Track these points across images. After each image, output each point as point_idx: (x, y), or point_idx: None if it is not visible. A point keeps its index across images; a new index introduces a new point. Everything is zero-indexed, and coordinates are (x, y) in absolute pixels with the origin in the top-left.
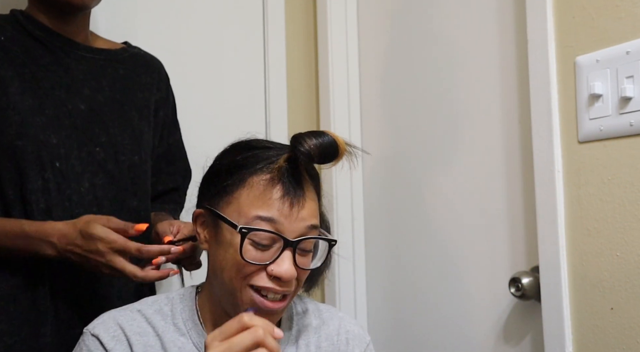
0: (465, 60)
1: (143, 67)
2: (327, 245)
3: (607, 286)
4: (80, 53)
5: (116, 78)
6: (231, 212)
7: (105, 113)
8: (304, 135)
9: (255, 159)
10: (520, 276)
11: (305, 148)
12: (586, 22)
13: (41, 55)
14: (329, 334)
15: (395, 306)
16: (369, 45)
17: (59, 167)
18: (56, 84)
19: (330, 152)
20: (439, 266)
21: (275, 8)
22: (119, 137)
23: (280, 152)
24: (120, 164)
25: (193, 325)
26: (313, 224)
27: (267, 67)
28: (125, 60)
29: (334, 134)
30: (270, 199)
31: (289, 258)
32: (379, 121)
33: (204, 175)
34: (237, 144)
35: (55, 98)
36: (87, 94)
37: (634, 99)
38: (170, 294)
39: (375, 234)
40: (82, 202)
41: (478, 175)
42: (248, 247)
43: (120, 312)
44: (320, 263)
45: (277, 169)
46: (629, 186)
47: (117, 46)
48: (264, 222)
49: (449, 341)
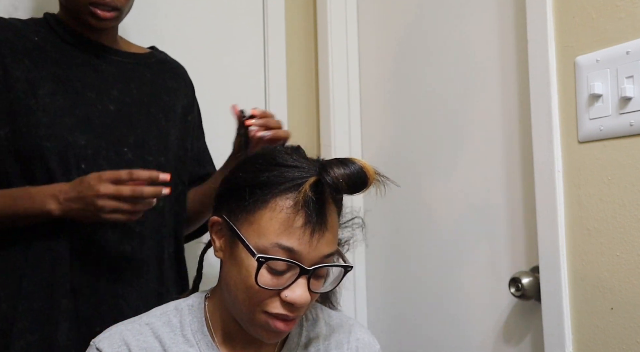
0: (465, 60)
1: (169, 73)
2: (341, 269)
3: (607, 286)
4: (109, 56)
5: (144, 81)
6: (251, 232)
7: (132, 114)
8: (332, 164)
9: (280, 179)
10: (520, 276)
11: (332, 179)
12: (586, 22)
13: (73, 56)
14: (339, 342)
15: (395, 306)
16: (369, 45)
17: (84, 169)
18: (87, 85)
19: (359, 183)
20: (439, 266)
21: (275, 8)
22: (146, 138)
23: (306, 175)
24: (147, 164)
25: (202, 336)
26: (330, 253)
27: (267, 67)
28: (152, 65)
29: (363, 162)
30: (292, 227)
31: (303, 285)
32: (379, 121)
33: (223, 182)
34: (261, 156)
35: (86, 98)
36: (115, 95)
37: (634, 99)
38: (180, 304)
39: (375, 233)
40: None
41: (478, 175)
42: (263, 272)
43: (128, 325)
44: (334, 287)
45: (303, 197)
46: (629, 186)
47: (144, 51)
48: (283, 251)
49: (449, 340)
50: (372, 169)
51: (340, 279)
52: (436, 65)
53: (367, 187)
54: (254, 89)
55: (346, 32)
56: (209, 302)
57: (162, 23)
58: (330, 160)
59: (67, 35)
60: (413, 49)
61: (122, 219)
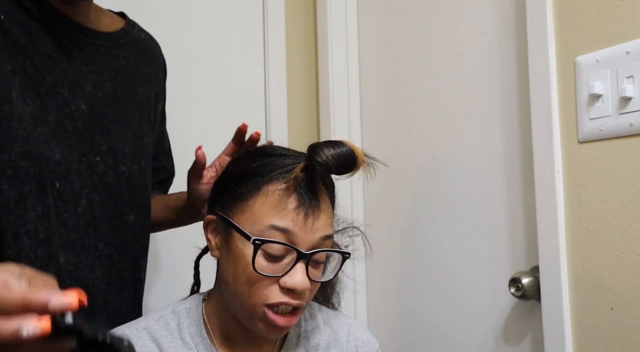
0: (465, 60)
1: (144, 55)
2: (339, 257)
3: (607, 286)
4: (82, 38)
5: (118, 69)
6: (244, 220)
7: (105, 114)
8: (321, 145)
9: (271, 166)
10: (520, 276)
11: (322, 158)
12: (586, 22)
13: (43, 40)
14: (337, 341)
15: (394, 306)
16: (369, 45)
17: (58, 188)
18: (59, 79)
19: (348, 163)
20: (438, 266)
21: (275, 8)
22: (120, 144)
23: (296, 161)
24: (119, 175)
25: (201, 339)
26: (327, 235)
27: (267, 67)
28: (126, 46)
29: (352, 144)
30: (285, 209)
31: (302, 270)
32: (379, 121)
33: (217, 180)
34: (251, 151)
35: (58, 98)
36: (88, 90)
37: (634, 99)
38: (177, 307)
39: (374, 233)
40: (77, 226)
41: (478, 175)
42: (260, 258)
43: (126, 330)
44: (333, 276)
45: (294, 178)
46: (629, 186)
47: (117, 26)
48: (278, 233)
49: (449, 340)
50: (361, 151)
51: (339, 268)
52: (436, 65)
53: (356, 168)
54: (254, 89)
55: (346, 32)
56: (207, 304)
57: (162, 23)
58: (320, 142)
59: (35, 8)
60: (413, 48)
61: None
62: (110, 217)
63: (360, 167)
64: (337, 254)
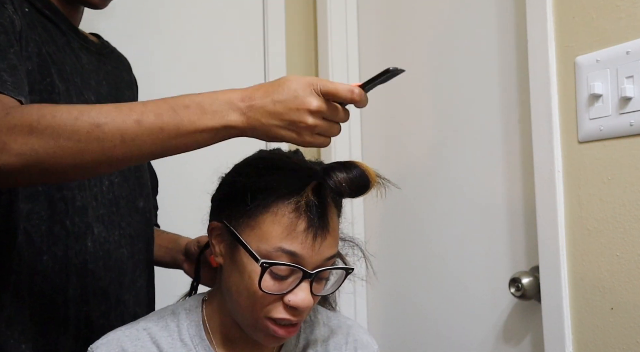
0: (465, 60)
1: (121, 65)
2: (343, 271)
3: (607, 286)
4: (80, 42)
5: (108, 73)
6: (252, 237)
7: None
8: (334, 168)
9: (281, 183)
10: (520, 276)
11: (335, 183)
12: (586, 22)
13: (57, 35)
14: (337, 343)
15: (394, 306)
16: (369, 45)
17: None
18: (74, 70)
19: (361, 186)
20: (438, 266)
21: (275, 8)
22: None
23: (307, 181)
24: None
25: (200, 341)
26: (332, 255)
27: (267, 67)
28: (109, 55)
29: (364, 165)
30: (295, 231)
31: (306, 289)
32: (379, 121)
33: (221, 186)
34: (260, 159)
35: (75, 86)
36: (93, 85)
37: (634, 99)
38: (177, 308)
39: (374, 233)
40: (104, 203)
41: (478, 175)
42: (266, 277)
43: (126, 331)
44: (335, 289)
45: (305, 201)
46: (629, 186)
47: (96, 40)
48: (286, 255)
49: (449, 340)
50: (373, 172)
51: (341, 281)
52: (436, 65)
53: (368, 190)
54: None
55: (346, 32)
56: (207, 305)
57: (162, 23)
58: (332, 164)
59: (45, 10)
60: (413, 49)
61: (321, 146)
62: (127, 200)
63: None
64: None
